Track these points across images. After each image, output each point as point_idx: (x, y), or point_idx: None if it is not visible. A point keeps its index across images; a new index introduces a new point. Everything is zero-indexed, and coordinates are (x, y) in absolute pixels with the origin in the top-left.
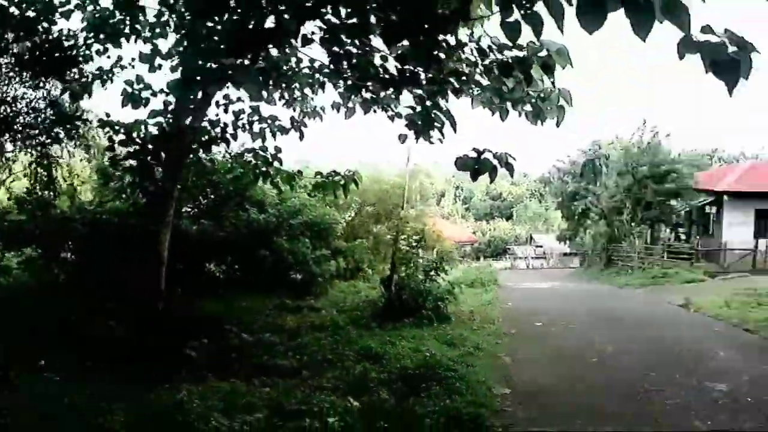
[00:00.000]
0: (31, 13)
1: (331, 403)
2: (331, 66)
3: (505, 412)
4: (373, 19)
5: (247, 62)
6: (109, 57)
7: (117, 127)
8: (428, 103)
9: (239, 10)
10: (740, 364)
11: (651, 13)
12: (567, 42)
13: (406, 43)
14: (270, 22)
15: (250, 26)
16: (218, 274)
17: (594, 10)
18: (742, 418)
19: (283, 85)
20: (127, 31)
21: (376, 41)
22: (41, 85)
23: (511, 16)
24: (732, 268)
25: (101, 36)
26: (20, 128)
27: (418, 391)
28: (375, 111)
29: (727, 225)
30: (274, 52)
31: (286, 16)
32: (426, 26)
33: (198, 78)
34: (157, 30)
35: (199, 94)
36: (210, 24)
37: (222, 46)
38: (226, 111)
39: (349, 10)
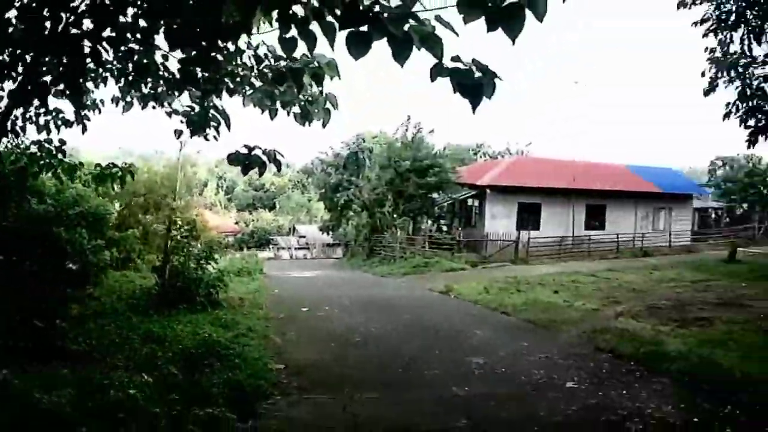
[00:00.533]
0: None
1: (129, 379)
2: (115, 62)
3: (282, 383)
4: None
5: None
6: None
7: None
8: (206, 102)
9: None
10: (496, 342)
11: (410, 43)
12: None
13: None
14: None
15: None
16: None
17: (359, 41)
18: (496, 385)
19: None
20: None
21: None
22: None
23: (288, 33)
24: (494, 258)
25: None
26: None
27: (201, 367)
28: (154, 107)
29: (489, 217)
30: None
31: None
32: (210, 34)
33: None
34: None
35: None
36: None
37: None
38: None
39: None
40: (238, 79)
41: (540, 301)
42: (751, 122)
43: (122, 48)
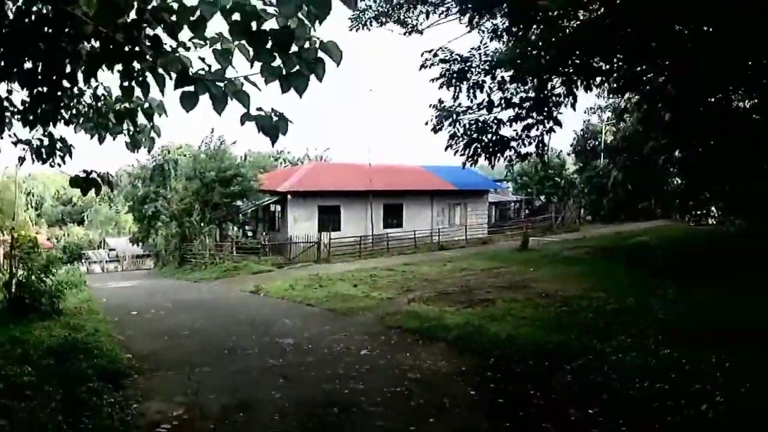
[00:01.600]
0: None
1: (17, 371)
2: None
3: (134, 367)
4: None
5: None
6: None
7: None
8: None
9: None
10: (302, 327)
11: (225, 98)
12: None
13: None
14: None
15: None
16: None
17: (189, 97)
18: (304, 356)
19: None
20: None
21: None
22: None
23: (126, 82)
24: (298, 260)
25: None
26: None
27: (70, 359)
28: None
29: (292, 221)
30: None
31: None
32: (59, 77)
33: None
34: None
35: None
36: None
37: None
38: None
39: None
40: (74, 112)
41: (340, 294)
42: (466, 151)
43: None
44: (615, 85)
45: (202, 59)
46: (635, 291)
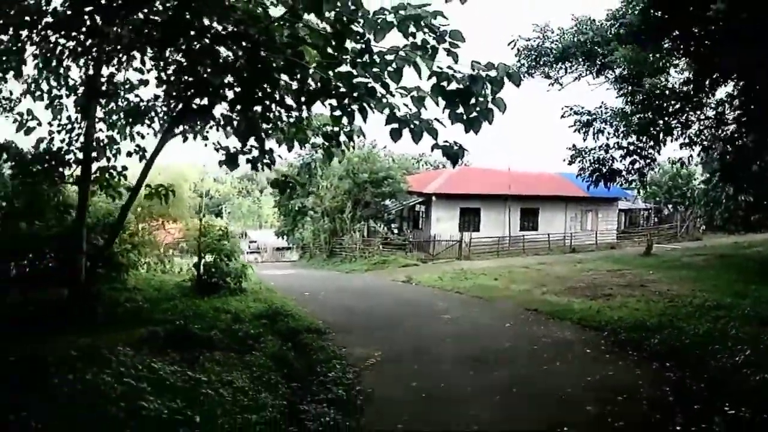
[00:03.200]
0: None
1: (244, 328)
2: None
3: (329, 329)
4: None
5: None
6: None
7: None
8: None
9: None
10: (455, 308)
11: (422, 133)
12: None
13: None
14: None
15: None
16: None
17: (395, 132)
18: (460, 328)
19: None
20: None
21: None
22: None
23: (337, 112)
24: (440, 256)
25: None
26: None
27: (278, 321)
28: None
29: (435, 220)
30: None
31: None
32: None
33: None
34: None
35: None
36: None
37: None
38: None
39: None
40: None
41: (483, 285)
42: (591, 178)
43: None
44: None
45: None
46: (735, 293)
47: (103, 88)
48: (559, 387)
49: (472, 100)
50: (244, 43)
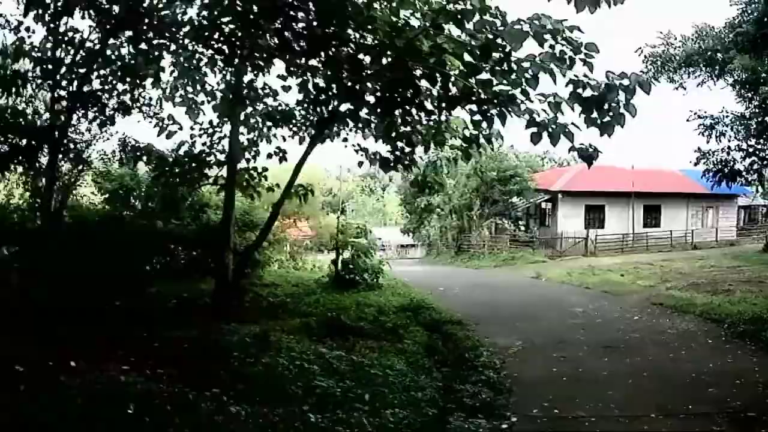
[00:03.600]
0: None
1: (388, 319)
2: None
3: (468, 321)
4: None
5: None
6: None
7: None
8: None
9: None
10: (585, 302)
11: (558, 135)
12: None
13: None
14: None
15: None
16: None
17: (536, 135)
18: (592, 319)
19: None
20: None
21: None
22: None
23: (477, 116)
24: (567, 253)
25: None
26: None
27: (420, 313)
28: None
29: (561, 218)
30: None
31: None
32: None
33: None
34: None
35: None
36: None
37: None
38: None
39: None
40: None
41: (610, 281)
42: (714, 179)
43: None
44: None
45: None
46: None
47: (244, 93)
48: (684, 372)
49: (605, 106)
50: (388, 53)
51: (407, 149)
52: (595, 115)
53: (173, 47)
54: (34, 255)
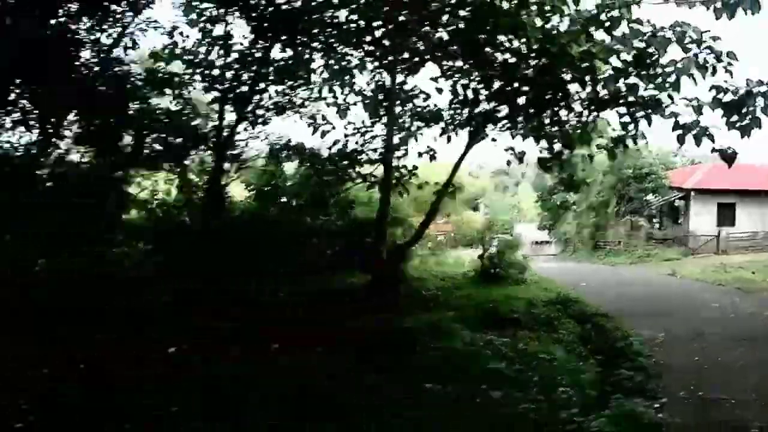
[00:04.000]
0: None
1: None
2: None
3: (612, 313)
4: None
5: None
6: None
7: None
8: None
9: None
10: (719, 299)
11: (702, 136)
12: None
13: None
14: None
15: None
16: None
17: (681, 137)
18: (728, 314)
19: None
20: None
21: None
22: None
23: (626, 119)
24: (698, 251)
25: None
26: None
27: (569, 306)
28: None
29: (693, 215)
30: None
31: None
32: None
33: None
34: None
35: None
36: None
37: None
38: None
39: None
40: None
41: (743, 278)
42: None
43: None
44: None
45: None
46: None
47: (395, 94)
48: None
49: (744, 110)
50: (542, 58)
51: (556, 148)
52: (734, 118)
53: (324, 49)
54: (184, 252)
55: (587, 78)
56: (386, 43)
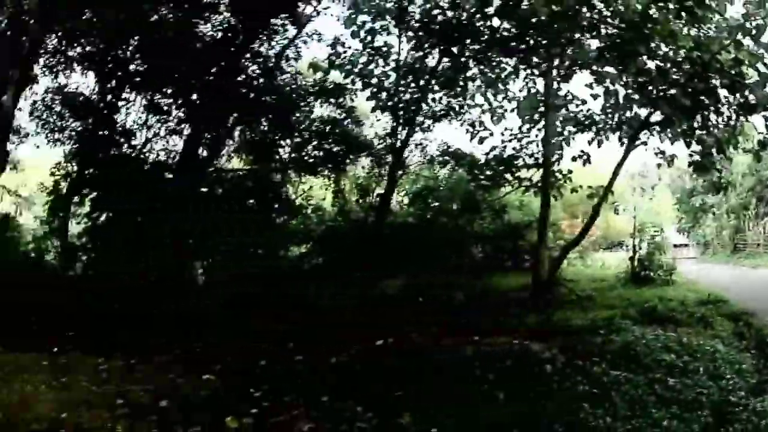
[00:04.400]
0: None
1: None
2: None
3: (760, 313)
4: None
5: None
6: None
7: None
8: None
9: None
10: None
11: None
12: None
13: None
14: None
15: None
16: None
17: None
18: None
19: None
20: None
21: None
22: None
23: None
24: None
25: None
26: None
27: (718, 306)
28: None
29: None
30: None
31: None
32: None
33: None
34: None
35: None
36: None
37: None
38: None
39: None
40: None
41: None
42: None
43: None
44: None
45: None
46: None
47: (553, 101)
48: None
49: None
50: (694, 65)
51: (706, 152)
52: None
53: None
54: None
55: (736, 83)
56: (541, 51)
